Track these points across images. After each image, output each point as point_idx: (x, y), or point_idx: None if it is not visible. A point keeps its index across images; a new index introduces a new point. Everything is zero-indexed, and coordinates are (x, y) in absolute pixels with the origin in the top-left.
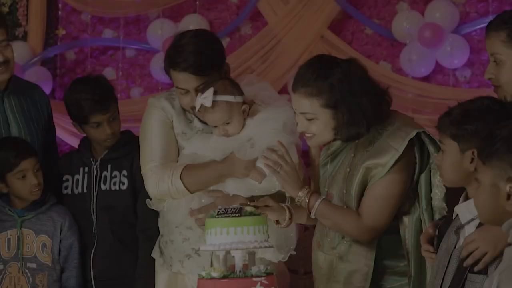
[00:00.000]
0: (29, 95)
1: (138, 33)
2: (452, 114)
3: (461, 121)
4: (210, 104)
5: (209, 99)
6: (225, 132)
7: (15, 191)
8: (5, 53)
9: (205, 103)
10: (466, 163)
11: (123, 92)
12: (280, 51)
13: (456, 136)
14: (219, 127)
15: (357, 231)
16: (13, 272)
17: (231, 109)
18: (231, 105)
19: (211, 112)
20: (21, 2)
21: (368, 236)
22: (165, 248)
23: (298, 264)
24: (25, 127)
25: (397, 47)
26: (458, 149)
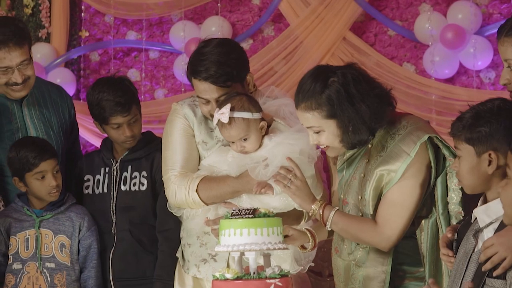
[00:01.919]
0: (50, 99)
1: (161, 35)
2: (464, 118)
3: (474, 124)
4: (226, 121)
5: (226, 115)
6: (242, 148)
7: (33, 192)
8: (26, 71)
9: (222, 119)
10: (484, 166)
11: (147, 93)
12: (302, 53)
13: (470, 140)
14: (236, 143)
15: (375, 240)
16: (32, 272)
17: (248, 126)
18: (248, 121)
19: (228, 128)
20: (43, 4)
21: (386, 245)
22: (184, 251)
23: (323, 266)
24: (45, 135)
25: (421, 49)
26: (474, 153)
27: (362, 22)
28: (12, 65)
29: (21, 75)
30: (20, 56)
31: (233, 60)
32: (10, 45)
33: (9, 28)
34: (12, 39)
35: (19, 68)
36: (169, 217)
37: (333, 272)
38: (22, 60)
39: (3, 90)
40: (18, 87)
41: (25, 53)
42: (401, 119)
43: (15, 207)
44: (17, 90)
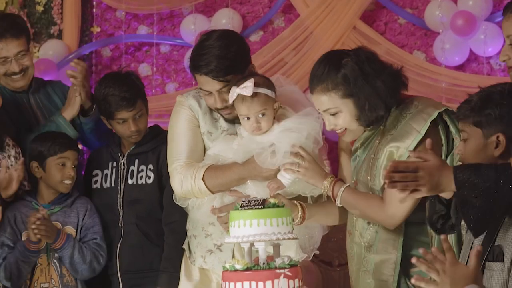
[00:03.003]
0: (54, 91)
1: (172, 29)
2: (472, 101)
3: (483, 107)
4: (250, 93)
5: (250, 88)
6: (258, 125)
7: (49, 178)
8: (23, 62)
9: (244, 92)
10: (491, 148)
11: (159, 87)
12: (313, 43)
13: (479, 122)
14: (252, 119)
15: (380, 216)
16: (44, 264)
17: (267, 103)
18: (268, 98)
19: (249, 102)
20: (55, 1)
21: (391, 222)
22: (190, 243)
23: (332, 256)
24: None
25: (431, 37)
26: (482, 136)
27: (372, 10)
28: (10, 56)
29: (18, 65)
30: (17, 47)
31: (233, 53)
32: (7, 37)
33: (5, 21)
34: (9, 31)
35: (16, 59)
36: (175, 209)
37: (347, 256)
38: (19, 50)
39: (4, 82)
40: (17, 77)
41: (22, 45)
42: (413, 100)
43: (24, 202)
44: (16, 80)
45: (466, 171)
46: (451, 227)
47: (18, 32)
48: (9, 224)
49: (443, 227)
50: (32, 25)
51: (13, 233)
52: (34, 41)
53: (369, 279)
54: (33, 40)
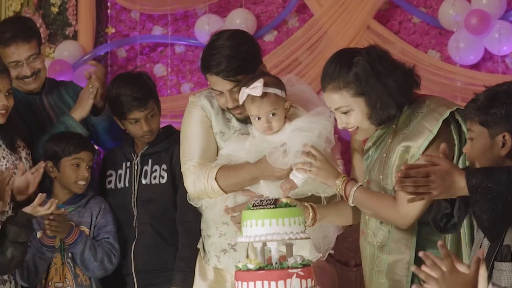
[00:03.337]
0: (67, 92)
1: (187, 29)
2: (478, 100)
3: (489, 106)
4: (260, 93)
5: (259, 89)
6: (269, 125)
7: (63, 178)
8: (34, 65)
9: (254, 92)
10: (497, 148)
11: (174, 87)
12: (327, 43)
13: (485, 122)
14: (262, 119)
15: (392, 216)
16: (58, 263)
17: (278, 102)
18: (278, 98)
19: (259, 102)
20: (70, 2)
21: (403, 222)
22: (205, 242)
23: (349, 256)
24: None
25: (445, 36)
26: (488, 135)
27: (386, 10)
28: (21, 59)
29: (30, 69)
30: (28, 51)
31: (244, 53)
32: (18, 41)
33: (16, 25)
34: (19, 35)
35: (28, 62)
36: (189, 209)
37: (361, 256)
38: (30, 54)
39: (17, 84)
40: (29, 80)
41: (33, 48)
42: (425, 99)
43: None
44: (28, 83)
45: (478, 176)
46: (453, 226)
47: (29, 36)
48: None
49: (446, 226)
50: (47, 26)
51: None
52: (49, 42)
53: (382, 279)
54: (49, 41)
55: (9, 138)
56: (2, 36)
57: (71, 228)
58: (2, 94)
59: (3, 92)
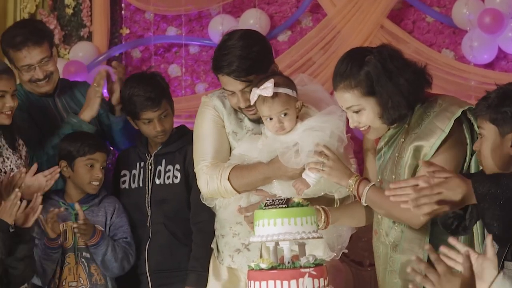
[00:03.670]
0: (80, 92)
1: (201, 30)
2: (489, 97)
3: (499, 104)
4: (270, 94)
5: (270, 89)
6: (280, 125)
7: (77, 178)
8: (47, 68)
9: (265, 93)
10: (507, 146)
11: (188, 88)
12: (340, 42)
13: (495, 120)
14: (274, 119)
15: (405, 215)
16: (72, 263)
17: (289, 102)
18: (289, 98)
19: (270, 102)
20: (84, 3)
21: (416, 221)
22: (218, 242)
23: (363, 255)
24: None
25: (459, 35)
26: (498, 133)
27: (400, 9)
28: (33, 63)
29: (42, 72)
30: (40, 54)
31: (255, 53)
32: (29, 45)
33: (27, 29)
34: (30, 39)
35: (40, 65)
36: (202, 209)
37: (374, 256)
38: (42, 57)
39: (30, 87)
40: (42, 82)
41: (45, 51)
42: (437, 99)
43: (51, 202)
44: (41, 85)
45: (485, 183)
46: (464, 229)
47: (40, 39)
48: (36, 223)
49: (457, 228)
50: (62, 28)
51: (41, 232)
52: (64, 43)
53: (395, 279)
54: (63, 42)
55: (11, 138)
56: (13, 40)
57: (94, 229)
58: (8, 95)
59: (9, 94)
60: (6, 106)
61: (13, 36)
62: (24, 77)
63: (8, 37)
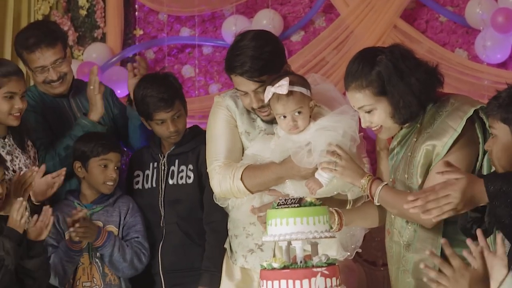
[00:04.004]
0: None
1: (214, 30)
2: (500, 97)
3: (510, 103)
4: (286, 91)
5: (285, 87)
6: (294, 123)
7: (91, 178)
8: (60, 70)
9: (280, 90)
10: None
11: (202, 88)
12: (353, 42)
13: (506, 119)
14: (288, 117)
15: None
16: (86, 263)
17: (303, 101)
18: (303, 97)
19: (285, 100)
20: (98, 5)
21: (429, 221)
22: (232, 242)
23: (376, 255)
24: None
25: (472, 34)
26: (509, 132)
27: (413, 9)
28: (47, 64)
29: (56, 73)
30: (53, 56)
31: (268, 53)
32: (43, 46)
33: (41, 30)
34: (44, 41)
35: (53, 67)
36: (215, 209)
37: (387, 255)
38: (56, 59)
39: (44, 88)
40: (56, 84)
41: (58, 52)
42: (449, 98)
43: (66, 202)
44: (55, 87)
45: (497, 182)
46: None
47: (53, 40)
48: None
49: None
50: (76, 29)
51: (56, 233)
52: (78, 45)
53: (408, 278)
54: (77, 44)
55: (20, 138)
56: (26, 42)
57: (99, 231)
58: (17, 97)
59: (18, 95)
60: (15, 108)
61: (27, 37)
62: (38, 78)
63: (22, 38)
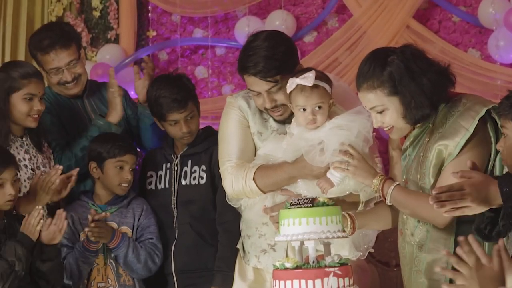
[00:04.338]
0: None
1: (227, 31)
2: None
3: None
4: (311, 83)
5: (311, 79)
6: (314, 117)
7: (106, 180)
8: (75, 71)
9: (305, 82)
10: None
11: (215, 89)
12: (366, 43)
13: None
14: (308, 111)
15: (430, 215)
16: (101, 264)
17: (325, 97)
18: (325, 92)
19: (309, 92)
20: (111, 6)
21: (441, 221)
22: (244, 242)
23: (390, 256)
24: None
25: (485, 34)
26: None
27: (426, 9)
28: (61, 66)
29: (70, 74)
30: (68, 57)
31: (281, 53)
32: (57, 48)
33: (54, 32)
34: (58, 42)
35: (68, 68)
36: (228, 209)
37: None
38: (70, 60)
39: (58, 89)
40: (70, 85)
41: (72, 54)
42: (461, 98)
43: (80, 203)
44: (70, 88)
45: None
46: (498, 234)
47: (68, 42)
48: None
49: (490, 234)
50: (90, 30)
51: (71, 234)
52: (91, 46)
53: (421, 278)
54: (91, 45)
55: (37, 139)
56: (40, 43)
57: (113, 232)
58: (36, 99)
59: (37, 97)
60: (34, 110)
61: (41, 39)
62: (53, 79)
63: (36, 40)
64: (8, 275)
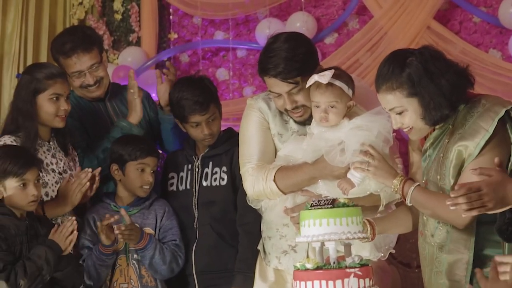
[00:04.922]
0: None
1: (248, 34)
2: None
3: None
4: (326, 81)
5: (327, 77)
6: (325, 116)
7: (128, 182)
8: (96, 74)
9: (321, 79)
10: None
11: (236, 91)
12: (387, 44)
13: None
14: (321, 108)
15: (450, 216)
16: (123, 265)
17: (341, 97)
18: (342, 93)
19: (323, 90)
20: (133, 9)
21: (461, 221)
22: (265, 244)
23: (411, 257)
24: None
25: (506, 34)
26: None
27: (446, 10)
28: (83, 69)
29: (92, 77)
30: (90, 60)
31: (301, 55)
32: (79, 52)
33: (76, 36)
34: (80, 46)
35: (90, 71)
36: (248, 210)
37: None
38: (92, 63)
39: (81, 93)
40: (93, 88)
41: (94, 57)
42: (480, 99)
43: (102, 205)
44: (92, 91)
45: None
46: None
47: (89, 45)
48: (89, 226)
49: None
50: (111, 33)
51: (93, 235)
52: (113, 49)
53: (441, 279)
54: (113, 48)
55: (63, 142)
56: (63, 47)
57: (142, 234)
58: (63, 98)
59: (63, 97)
60: (61, 110)
61: (63, 43)
62: (75, 83)
63: (58, 44)
64: (35, 277)
